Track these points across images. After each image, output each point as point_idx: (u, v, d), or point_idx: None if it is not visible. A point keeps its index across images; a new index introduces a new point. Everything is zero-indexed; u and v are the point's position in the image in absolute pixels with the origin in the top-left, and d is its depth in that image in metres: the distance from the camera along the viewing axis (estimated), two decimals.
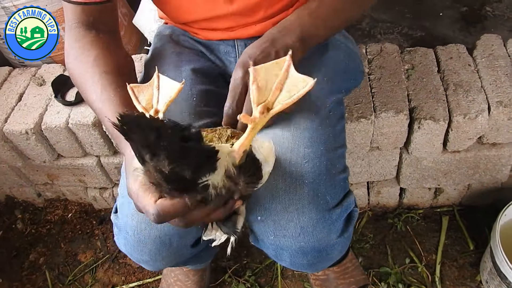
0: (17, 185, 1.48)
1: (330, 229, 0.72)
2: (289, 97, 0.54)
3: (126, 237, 0.77)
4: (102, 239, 1.45)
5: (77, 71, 0.77)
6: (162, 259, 0.79)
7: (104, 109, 0.70)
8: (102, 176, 1.34)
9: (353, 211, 0.80)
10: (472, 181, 1.26)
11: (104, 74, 0.73)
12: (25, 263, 1.44)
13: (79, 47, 0.78)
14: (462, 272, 1.25)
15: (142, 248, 0.76)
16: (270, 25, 0.85)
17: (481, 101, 1.04)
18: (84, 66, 0.76)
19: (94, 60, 0.75)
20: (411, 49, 1.20)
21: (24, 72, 1.34)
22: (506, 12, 1.91)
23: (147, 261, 0.79)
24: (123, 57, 0.82)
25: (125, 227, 0.77)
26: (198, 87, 0.86)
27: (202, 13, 0.86)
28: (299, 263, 0.76)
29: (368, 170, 1.25)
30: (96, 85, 0.72)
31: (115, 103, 0.70)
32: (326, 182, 0.73)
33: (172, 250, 0.77)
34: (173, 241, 0.76)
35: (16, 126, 1.18)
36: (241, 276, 1.31)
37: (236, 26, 0.88)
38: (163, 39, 0.96)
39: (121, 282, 1.35)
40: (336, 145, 0.80)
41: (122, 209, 0.78)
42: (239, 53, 0.91)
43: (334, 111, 0.82)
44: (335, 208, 0.74)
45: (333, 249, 0.75)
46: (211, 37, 0.92)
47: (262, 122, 0.54)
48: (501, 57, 1.12)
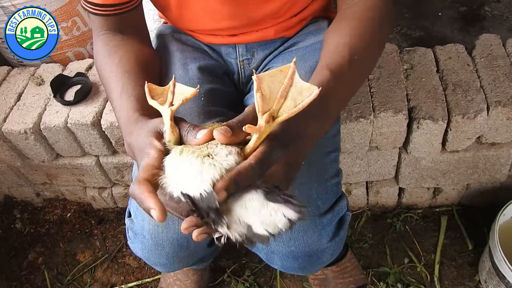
0: (16, 184, 1.48)
1: (321, 233, 0.73)
2: (294, 105, 0.53)
3: (143, 241, 0.78)
4: (101, 238, 1.45)
5: (103, 72, 0.78)
6: (180, 261, 0.80)
7: (121, 106, 0.71)
8: (101, 176, 1.34)
9: (345, 215, 0.81)
10: (471, 181, 1.26)
11: (127, 73, 0.74)
12: (23, 263, 1.44)
13: (106, 50, 0.80)
14: (460, 271, 1.25)
15: (160, 251, 0.77)
16: (272, 31, 0.88)
17: (480, 101, 1.04)
18: (110, 67, 0.77)
19: (119, 61, 0.76)
20: (410, 49, 1.20)
21: (23, 72, 1.34)
22: (505, 12, 1.91)
23: (165, 264, 0.80)
24: (148, 55, 0.83)
25: (142, 231, 0.77)
26: (206, 86, 0.86)
27: (205, 24, 0.88)
28: (290, 266, 0.77)
29: (367, 170, 1.25)
30: (118, 84, 0.73)
31: (130, 101, 0.70)
32: (317, 187, 0.74)
33: (189, 251, 0.78)
34: (190, 242, 0.76)
35: (15, 125, 1.18)
36: (240, 276, 1.31)
37: (238, 33, 0.89)
38: (165, 38, 0.96)
39: (120, 282, 1.35)
40: (328, 149, 0.80)
41: (137, 213, 0.78)
42: (240, 54, 0.93)
43: None
44: (326, 213, 0.74)
45: (323, 253, 0.76)
46: (213, 41, 0.93)
47: (267, 131, 0.53)
48: (500, 57, 1.12)
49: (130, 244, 0.82)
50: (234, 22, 0.85)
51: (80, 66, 1.30)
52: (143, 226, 0.77)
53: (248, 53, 0.92)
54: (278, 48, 0.92)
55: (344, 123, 1.06)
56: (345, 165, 1.23)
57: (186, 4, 0.84)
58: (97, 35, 0.82)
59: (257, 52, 0.92)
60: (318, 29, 0.90)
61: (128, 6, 0.81)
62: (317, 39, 0.88)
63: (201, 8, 0.84)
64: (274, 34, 0.89)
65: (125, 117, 0.67)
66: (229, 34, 0.90)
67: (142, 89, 0.70)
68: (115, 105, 0.72)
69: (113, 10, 0.80)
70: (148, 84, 0.63)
